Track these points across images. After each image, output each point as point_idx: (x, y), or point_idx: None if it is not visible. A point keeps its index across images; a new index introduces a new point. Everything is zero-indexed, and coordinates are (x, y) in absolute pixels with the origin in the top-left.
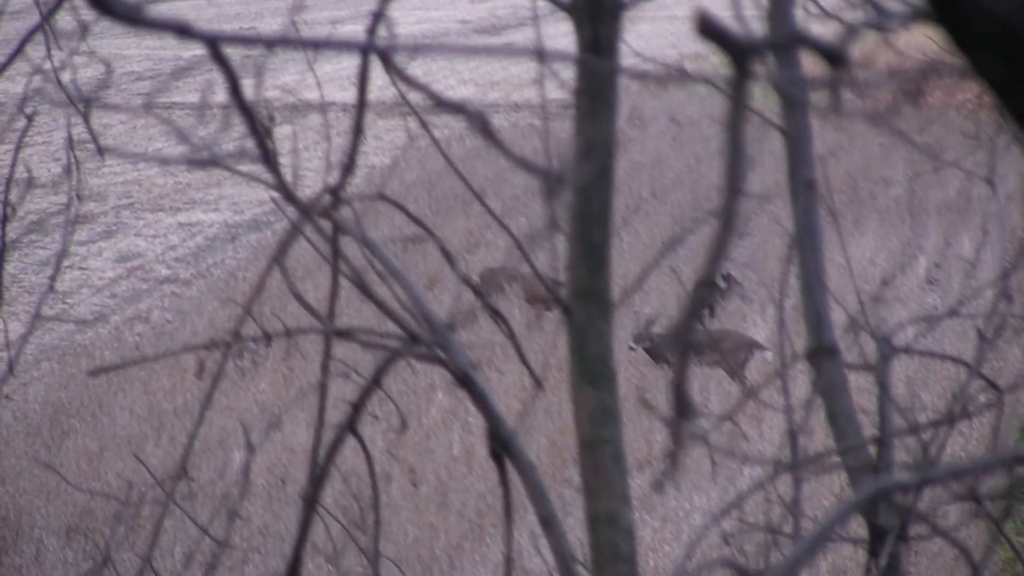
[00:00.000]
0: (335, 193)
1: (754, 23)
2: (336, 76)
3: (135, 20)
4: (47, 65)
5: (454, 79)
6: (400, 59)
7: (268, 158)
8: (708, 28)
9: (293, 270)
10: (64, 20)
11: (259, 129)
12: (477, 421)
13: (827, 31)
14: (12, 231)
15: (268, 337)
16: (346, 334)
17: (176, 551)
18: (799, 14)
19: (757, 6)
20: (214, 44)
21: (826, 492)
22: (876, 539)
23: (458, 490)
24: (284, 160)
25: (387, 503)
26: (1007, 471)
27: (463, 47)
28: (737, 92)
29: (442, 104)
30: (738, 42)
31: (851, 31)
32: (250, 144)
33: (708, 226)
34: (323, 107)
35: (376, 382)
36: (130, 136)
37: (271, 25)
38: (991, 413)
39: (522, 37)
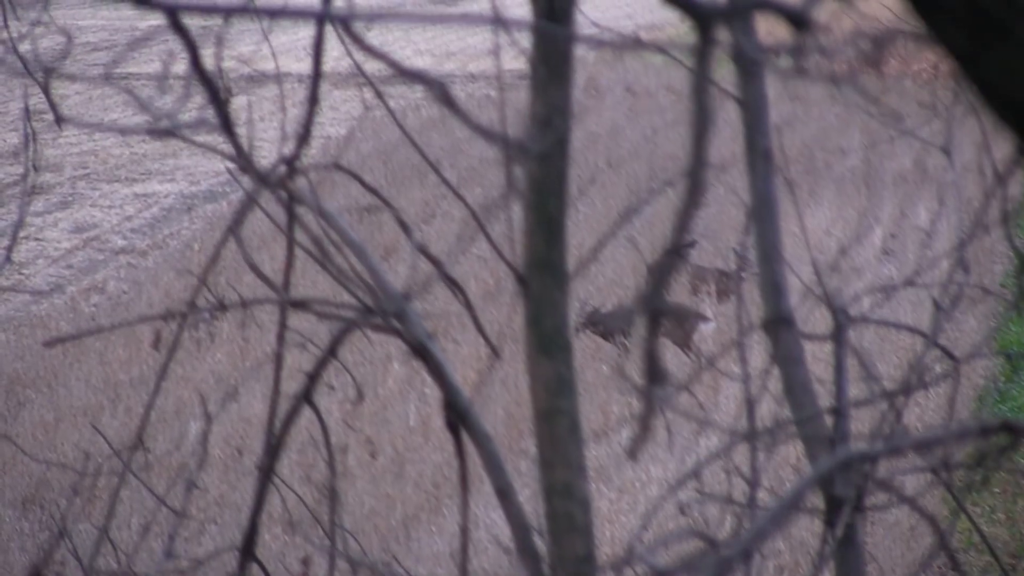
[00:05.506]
0: (291, 163)
1: None
2: (292, 47)
3: None
4: (4, 35)
5: (410, 50)
6: (358, 29)
7: (228, 128)
8: None
9: (249, 241)
10: None
11: (219, 98)
12: (433, 392)
13: None
14: None
15: (224, 307)
16: (302, 305)
17: (133, 522)
18: None
19: None
20: (173, 13)
21: (782, 462)
22: (832, 509)
23: (415, 461)
24: (239, 131)
25: (344, 474)
26: (973, 442)
27: (420, 16)
28: (701, 59)
29: (402, 73)
30: (701, 7)
31: None
32: (209, 114)
33: (667, 196)
34: (278, 78)
35: (332, 353)
36: (86, 107)
37: None
38: (947, 383)
39: (478, 7)
